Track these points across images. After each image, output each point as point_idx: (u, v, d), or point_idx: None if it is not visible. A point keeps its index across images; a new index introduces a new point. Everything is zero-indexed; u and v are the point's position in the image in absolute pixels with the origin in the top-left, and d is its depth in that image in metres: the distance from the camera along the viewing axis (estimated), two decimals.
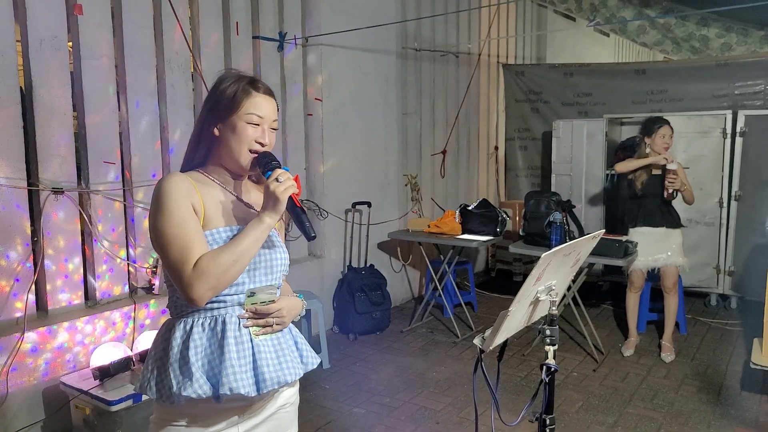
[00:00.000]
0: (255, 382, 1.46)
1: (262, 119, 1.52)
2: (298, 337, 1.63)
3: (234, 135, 1.50)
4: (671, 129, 3.98)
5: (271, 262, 1.56)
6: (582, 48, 8.61)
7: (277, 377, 1.49)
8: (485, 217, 4.76)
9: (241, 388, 1.43)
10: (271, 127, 1.55)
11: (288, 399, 1.63)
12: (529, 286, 1.62)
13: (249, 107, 1.50)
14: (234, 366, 1.44)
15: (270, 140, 1.54)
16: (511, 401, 3.49)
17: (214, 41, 3.97)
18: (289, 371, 1.52)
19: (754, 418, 3.31)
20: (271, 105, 1.55)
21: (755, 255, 4.87)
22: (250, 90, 1.52)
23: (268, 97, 1.55)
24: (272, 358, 1.50)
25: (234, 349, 1.45)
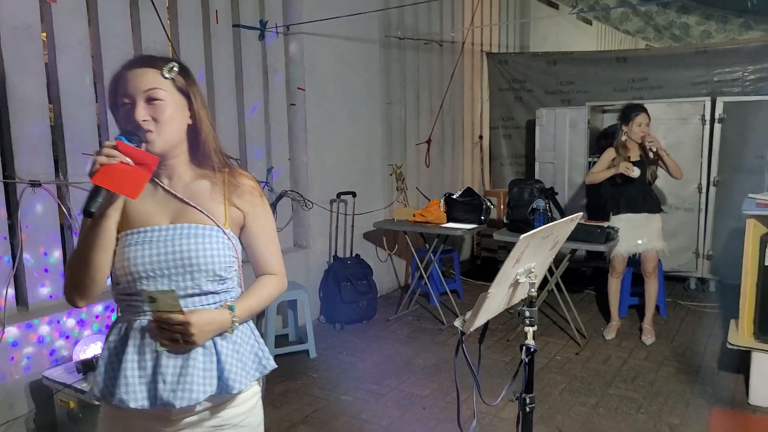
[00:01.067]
0: (147, 397, 1.36)
1: (131, 96, 1.36)
2: (227, 355, 1.41)
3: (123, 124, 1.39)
4: (648, 116, 4.01)
5: (191, 260, 1.38)
6: (565, 36, 8.64)
7: (168, 398, 1.34)
8: (470, 205, 4.79)
9: (131, 401, 1.34)
10: (151, 97, 1.37)
11: (229, 419, 1.46)
12: (508, 269, 1.64)
13: (118, 91, 1.39)
14: (128, 377, 1.35)
15: (147, 113, 1.36)
16: (496, 385, 3.52)
17: (193, 30, 3.93)
18: (183, 395, 1.34)
19: (730, 396, 3.39)
20: (141, 75, 1.37)
21: (733, 239, 4.93)
22: (119, 72, 1.40)
23: (136, 69, 1.38)
24: (172, 375, 1.36)
25: (131, 359, 1.36)
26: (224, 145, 4.36)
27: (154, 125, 1.37)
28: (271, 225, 1.56)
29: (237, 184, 1.49)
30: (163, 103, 1.38)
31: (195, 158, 1.47)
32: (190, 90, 1.43)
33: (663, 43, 7.97)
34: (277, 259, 1.57)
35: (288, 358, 4.02)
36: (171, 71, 1.39)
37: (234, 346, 1.43)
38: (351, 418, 3.22)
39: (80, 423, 2.89)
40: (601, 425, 3.10)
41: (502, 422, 3.11)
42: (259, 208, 1.52)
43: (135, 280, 1.37)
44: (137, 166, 1.30)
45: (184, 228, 1.41)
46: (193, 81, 1.46)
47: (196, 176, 1.47)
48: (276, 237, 1.58)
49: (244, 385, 1.43)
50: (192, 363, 1.37)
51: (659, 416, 3.18)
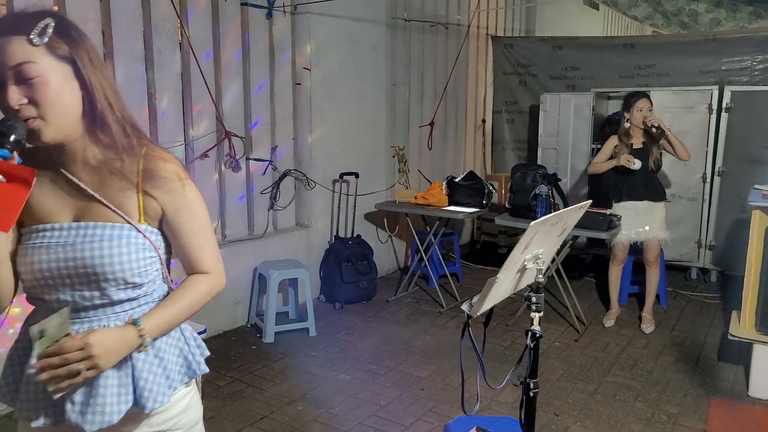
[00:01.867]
0: (53, 414, 1.21)
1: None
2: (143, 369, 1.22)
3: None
4: (650, 102, 3.99)
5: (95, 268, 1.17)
6: (571, 21, 8.56)
7: (76, 420, 1.18)
8: (472, 189, 4.79)
9: (32, 421, 1.20)
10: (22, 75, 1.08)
11: (158, 426, 1.30)
12: (517, 254, 1.64)
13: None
14: (29, 391, 1.20)
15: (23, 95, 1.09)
16: (495, 369, 3.57)
17: (201, 7, 3.90)
18: (94, 418, 1.18)
19: (729, 387, 3.42)
20: (7, 46, 1.08)
21: (736, 230, 4.96)
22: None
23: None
24: (82, 394, 1.19)
25: (34, 373, 1.15)
26: (230, 123, 4.35)
27: (36, 110, 1.10)
28: (197, 215, 1.28)
29: (153, 169, 1.22)
30: (41, 80, 1.08)
31: (98, 137, 1.19)
32: (74, 53, 1.13)
33: (671, 29, 7.91)
34: (208, 254, 1.30)
35: (288, 335, 4.05)
36: (43, 35, 1.08)
37: (156, 355, 1.25)
38: (349, 396, 3.26)
39: None
40: (598, 411, 3.13)
41: (500, 405, 3.14)
42: (179, 196, 1.24)
43: (35, 287, 1.20)
44: (11, 183, 1.05)
45: (88, 228, 1.19)
46: (76, 40, 1.14)
47: (103, 161, 1.20)
48: (207, 228, 1.30)
49: (160, 402, 1.24)
50: (103, 381, 1.18)
51: (657, 405, 3.21)
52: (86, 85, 1.15)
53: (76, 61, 1.14)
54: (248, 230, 4.45)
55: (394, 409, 3.14)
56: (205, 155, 4.01)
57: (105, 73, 1.20)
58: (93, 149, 1.20)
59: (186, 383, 1.33)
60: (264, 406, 3.14)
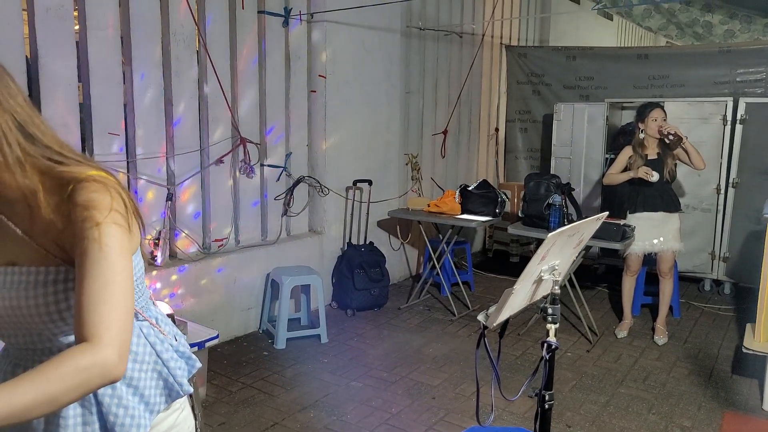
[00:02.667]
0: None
1: None
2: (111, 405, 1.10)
3: None
4: (664, 112, 4.01)
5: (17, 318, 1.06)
6: (585, 31, 8.57)
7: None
8: (485, 197, 4.79)
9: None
10: None
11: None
12: (534, 266, 1.66)
13: None
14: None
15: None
16: (507, 379, 3.56)
17: (219, 15, 3.95)
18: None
19: (743, 401, 3.39)
20: None
21: (750, 242, 4.93)
22: None
23: None
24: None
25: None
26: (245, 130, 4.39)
27: None
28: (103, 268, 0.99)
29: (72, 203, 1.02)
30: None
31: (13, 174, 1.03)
32: None
33: (685, 41, 7.89)
34: (98, 319, 0.96)
35: (300, 342, 4.07)
36: None
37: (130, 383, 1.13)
38: (361, 404, 3.26)
39: None
40: (611, 424, 3.12)
41: (512, 416, 3.13)
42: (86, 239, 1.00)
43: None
44: None
45: (22, 273, 1.05)
46: None
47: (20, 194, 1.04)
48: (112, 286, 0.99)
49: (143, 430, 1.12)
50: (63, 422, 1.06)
51: (670, 417, 3.19)
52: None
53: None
54: (261, 236, 4.48)
55: (405, 417, 3.14)
56: (220, 161, 4.05)
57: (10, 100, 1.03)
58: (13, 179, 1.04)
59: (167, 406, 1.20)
60: (275, 413, 3.16)
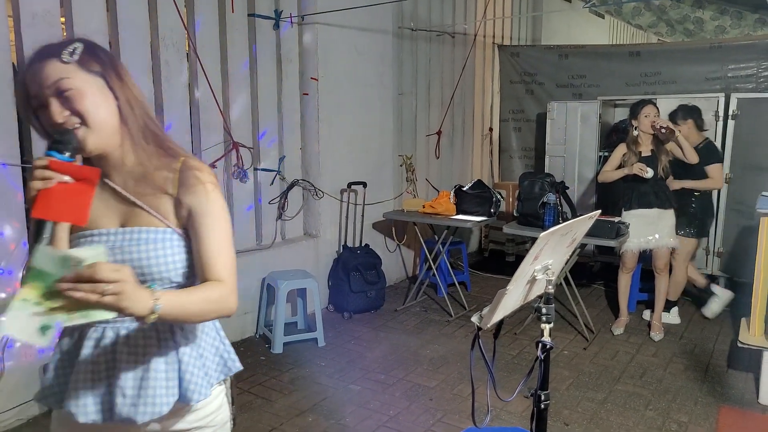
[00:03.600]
0: (102, 411, 1.26)
1: (40, 95, 1.18)
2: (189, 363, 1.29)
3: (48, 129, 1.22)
4: (656, 108, 4.03)
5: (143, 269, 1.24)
6: (577, 30, 8.58)
7: (128, 413, 1.24)
8: (480, 197, 4.79)
9: (80, 416, 1.24)
10: (61, 90, 1.18)
11: (195, 422, 1.36)
12: (527, 266, 1.65)
13: (31, 97, 1.20)
14: (78, 389, 1.25)
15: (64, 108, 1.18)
16: (504, 379, 3.56)
17: (208, 18, 3.94)
18: (146, 409, 1.24)
19: (739, 395, 3.40)
20: (42, 70, 1.18)
21: (744, 237, 4.93)
22: (22, 74, 1.23)
23: (37, 64, 1.20)
24: (132, 388, 1.25)
25: (84, 369, 1.25)
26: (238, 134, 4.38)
27: (78, 119, 1.19)
28: (222, 226, 1.29)
29: (186, 177, 1.29)
30: (77, 92, 1.18)
31: (133, 148, 1.29)
32: (102, 69, 1.23)
33: (675, 38, 7.91)
34: (223, 262, 1.28)
35: (297, 346, 4.05)
36: (73, 54, 1.20)
37: (198, 351, 1.32)
38: (359, 407, 3.25)
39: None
40: (608, 421, 3.12)
41: (510, 415, 3.13)
42: (206, 203, 1.28)
43: None
44: (78, 182, 1.11)
45: (134, 232, 1.26)
46: (104, 59, 1.25)
47: (143, 169, 1.29)
48: (228, 237, 1.31)
49: (204, 395, 1.30)
50: (153, 374, 1.25)
51: (667, 413, 3.19)
52: (117, 98, 1.25)
53: (106, 76, 1.24)
54: (256, 240, 4.46)
55: (403, 419, 3.13)
56: (212, 166, 4.04)
57: (134, 90, 1.29)
58: (130, 158, 1.29)
59: (221, 381, 1.39)
60: (274, 418, 3.14)
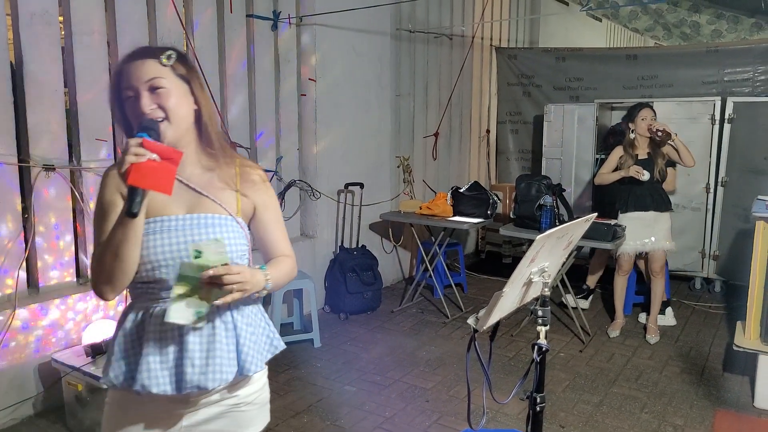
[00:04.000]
0: (174, 381, 1.39)
1: (135, 88, 1.38)
2: (245, 337, 1.47)
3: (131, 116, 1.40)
4: (653, 111, 4.05)
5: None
6: (574, 33, 8.60)
7: (198, 381, 1.39)
8: (477, 199, 4.80)
9: (153, 387, 1.37)
10: (154, 86, 1.38)
11: (245, 398, 1.52)
12: (523, 268, 1.65)
13: (122, 84, 1.39)
14: (149, 363, 1.38)
15: (153, 102, 1.38)
16: (500, 380, 3.56)
17: (207, 19, 3.93)
18: (215, 376, 1.39)
19: (735, 398, 3.40)
20: (142, 67, 1.38)
21: (740, 240, 4.95)
22: (120, 67, 1.41)
23: (136, 62, 1.39)
24: (200, 358, 1.40)
25: (153, 344, 1.39)
26: (235, 134, 4.37)
27: (162, 113, 1.39)
28: (280, 213, 1.61)
29: (247, 174, 1.52)
30: (167, 91, 1.39)
31: (203, 146, 1.49)
32: (189, 76, 1.44)
33: (672, 41, 7.94)
34: (286, 242, 1.60)
35: (293, 346, 4.04)
36: (169, 59, 1.40)
37: (250, 328, 1.48)
38: (354, 408, 3.25)
39: (88, 406, 2.92)
40: (604, 423, 3.12)
41: (506, 417, 3.13)
42: (268, 198, 1.55)
43: (154, 269, 1.39)
44: (164, 161, 1.29)
45: (200, 218, 1.43)
46: (192, 67, 1.47)
47: (207, 165, 1.49)
48: (283, 223, 1.61)
49: (259, 367, 1.48)
50: (218, 345, 1.41)
51: (663, 416, 3.19)
52: (197, 102, 1.45)
53: (191, 82, 1.45)
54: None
55: (399, 421, 3.13)
56: None
57: (208, 97, 1.50)
58: (200, 155, 1.49)
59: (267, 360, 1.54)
60: None
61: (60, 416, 3.07)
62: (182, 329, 1.38)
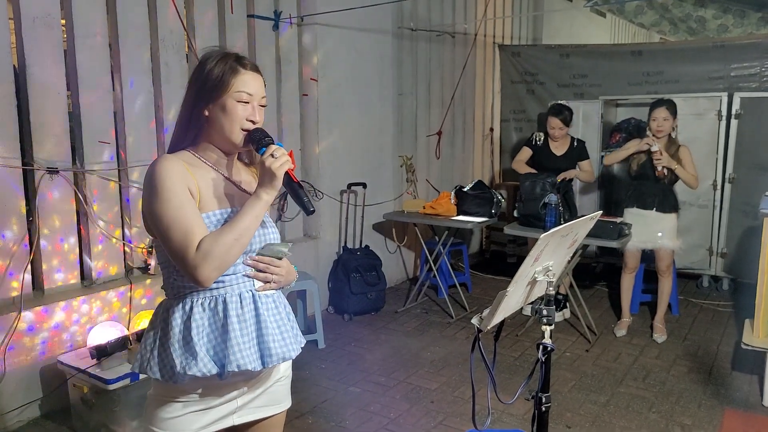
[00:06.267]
0: (260, 357, 1.51)
1: (251, 96, 1.52)
2: (291, 318, 1.65)
3: (225, 114, 1.50)
4: (666, 110, 3.95)
5: (266, 240, 1.60)
6: (578, 29, 8.56)
7: (282, 353, 1.54)
8: (480, 198, 4.77)
9: (248, 364, 1.47)
10: (260, 104, 1.55)
11: (284, 372, 1.68)
12: (527, 267, 1.63)
13: (238, 85, 1.50)
14: (240, 344, 1.47)
15: (260, 117, 1.55)
16: (505, 381, 3.54)
17: (208, 19, 3.93)
18: (292, 346, 1.57)
19: (744, 398, 3.37)
20: (259, 82, 1.54)
21: (747, 237, 4.91)
22: (238, 68, 1.51)
23: (255, 74, 1.54)
24: (276, 334, 1.55)
25: (237, 327, 1.48)
26: None
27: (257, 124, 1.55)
28: None
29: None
30: (263, 111, 1.57)
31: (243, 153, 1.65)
32: None
33: (678, 36, 7.88)
34: None
35: None
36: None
37: (290, 314, 1.65)
38: (359, 409, 3.24)
39: (93, 408, 2.92)
40: (611, 423, 3.10)
41: (511, 418, 3.11)
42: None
43: None
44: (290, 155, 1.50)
45: (223, 214, 1.53)
46: None
47: (243, 168, 1.66)
48: None
49: (302, 343, 1.64)
50: (283, 322, 1.58)
51: (671, 416, 3.17)
52: None
53: None
54: None
55: (404, 422, 3.12)
56: None
57: None
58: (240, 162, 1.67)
59: None
60: None
61: (66, 418, 3.08)
62: (258, 310, 1.52)
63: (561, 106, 4.64)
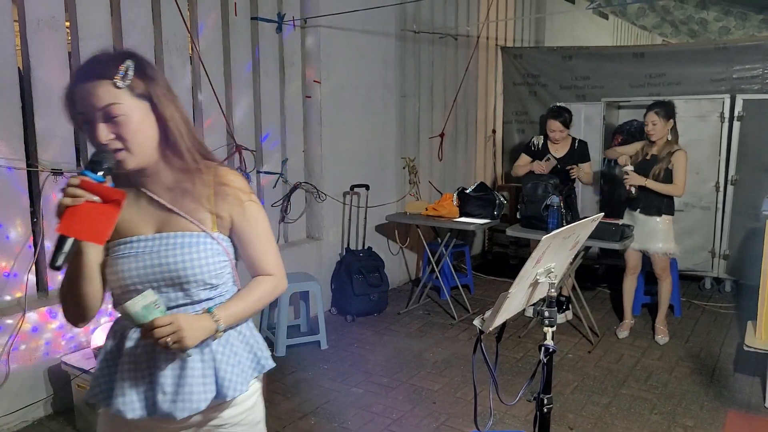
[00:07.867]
0: (145, 406, 1.34)
1: (89, 114, 1.24)
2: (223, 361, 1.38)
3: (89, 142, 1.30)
4: (656, 114, 3.93)
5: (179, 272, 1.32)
6: (581, 31, 8.57)
7: (168, 409, 1.33)
8: (483, 200, 4.78)
9: (128, 412, 1.32)
10: (110, 114, 1.23)
11: (229, 419, 1.44)
12: (529, 269, 1.64)
13: (76, 107, 1.25)
14: (124, 387, 1.33)
15: (110, 132, 1.24)
16: (508, 382, 3.54)
17: (212, 22, 3.95)
18: (184, 405, 1.32)
19: (746, 399, 3.37)
20: (93, 90, 1.22)
21: (750, 239, 4.91)
22: (70, 89, 1.26)
23: (87, 83, 1.23)
24: (171, 385, 1.33)
25: (127, 369, 1.34)
26: (241, 136, 4.37)
27: (121, 143, 1.25)
28: (262, 224, 1.45)
29: (222, 185, 1.39)
30: (124, 117, 1.24)
31: (173, 161, 1.34)
32: (150, 91, 1.28)
33: (680, 39, 7.89)
34: (271, 258, 1.46)
35: (299, 348, 4.05)
36: (125, 78, 1.23)
37: (231, 349, 1.40)
38: (361, 410, 3.24)
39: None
40: (613, 425, 3.10)
41: (514, 419, 3.12)
42: (245, 208, 1.41)
43: (124, 293, 1.33)
44: (106, 204, 1.18)
45: (170, 237, 1.34)
46: (152, 78, 1.30)
47: (178, 179, 1.36)
48: (270, 235, 1.47)
49: (239, 391, 1.39)
50: (190, 372, 1.33)
51: (673, 417, 3.17)
52: (161, 118, 1.31)
53: (152, 97, 1.29)
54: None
55: (406, 423, 3.12)
56: None
57: (176, 105, 1.35)
58: (167, 172, 1.36)
59: (256, 377, 1.47)
60: (276, 421, 3.14)
61: (70, 418, 3.09)
62: (155, 352, 1.32)
63: (560, 109, 4.64)
